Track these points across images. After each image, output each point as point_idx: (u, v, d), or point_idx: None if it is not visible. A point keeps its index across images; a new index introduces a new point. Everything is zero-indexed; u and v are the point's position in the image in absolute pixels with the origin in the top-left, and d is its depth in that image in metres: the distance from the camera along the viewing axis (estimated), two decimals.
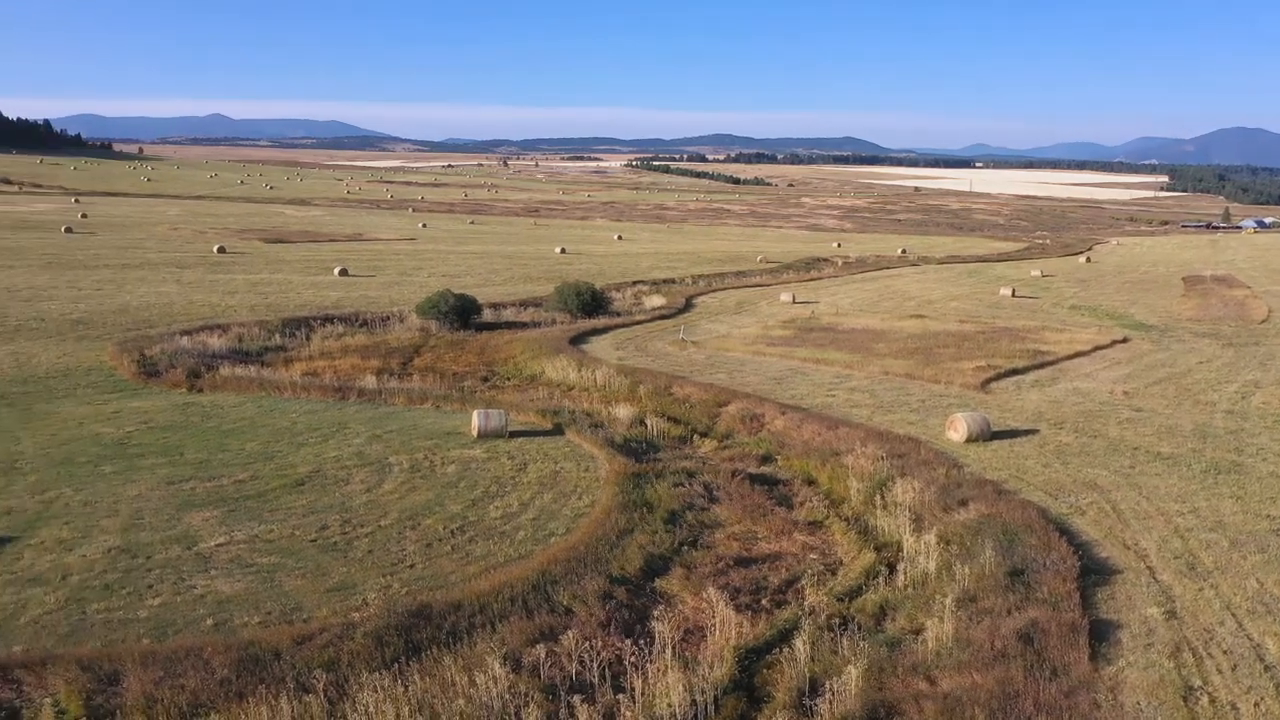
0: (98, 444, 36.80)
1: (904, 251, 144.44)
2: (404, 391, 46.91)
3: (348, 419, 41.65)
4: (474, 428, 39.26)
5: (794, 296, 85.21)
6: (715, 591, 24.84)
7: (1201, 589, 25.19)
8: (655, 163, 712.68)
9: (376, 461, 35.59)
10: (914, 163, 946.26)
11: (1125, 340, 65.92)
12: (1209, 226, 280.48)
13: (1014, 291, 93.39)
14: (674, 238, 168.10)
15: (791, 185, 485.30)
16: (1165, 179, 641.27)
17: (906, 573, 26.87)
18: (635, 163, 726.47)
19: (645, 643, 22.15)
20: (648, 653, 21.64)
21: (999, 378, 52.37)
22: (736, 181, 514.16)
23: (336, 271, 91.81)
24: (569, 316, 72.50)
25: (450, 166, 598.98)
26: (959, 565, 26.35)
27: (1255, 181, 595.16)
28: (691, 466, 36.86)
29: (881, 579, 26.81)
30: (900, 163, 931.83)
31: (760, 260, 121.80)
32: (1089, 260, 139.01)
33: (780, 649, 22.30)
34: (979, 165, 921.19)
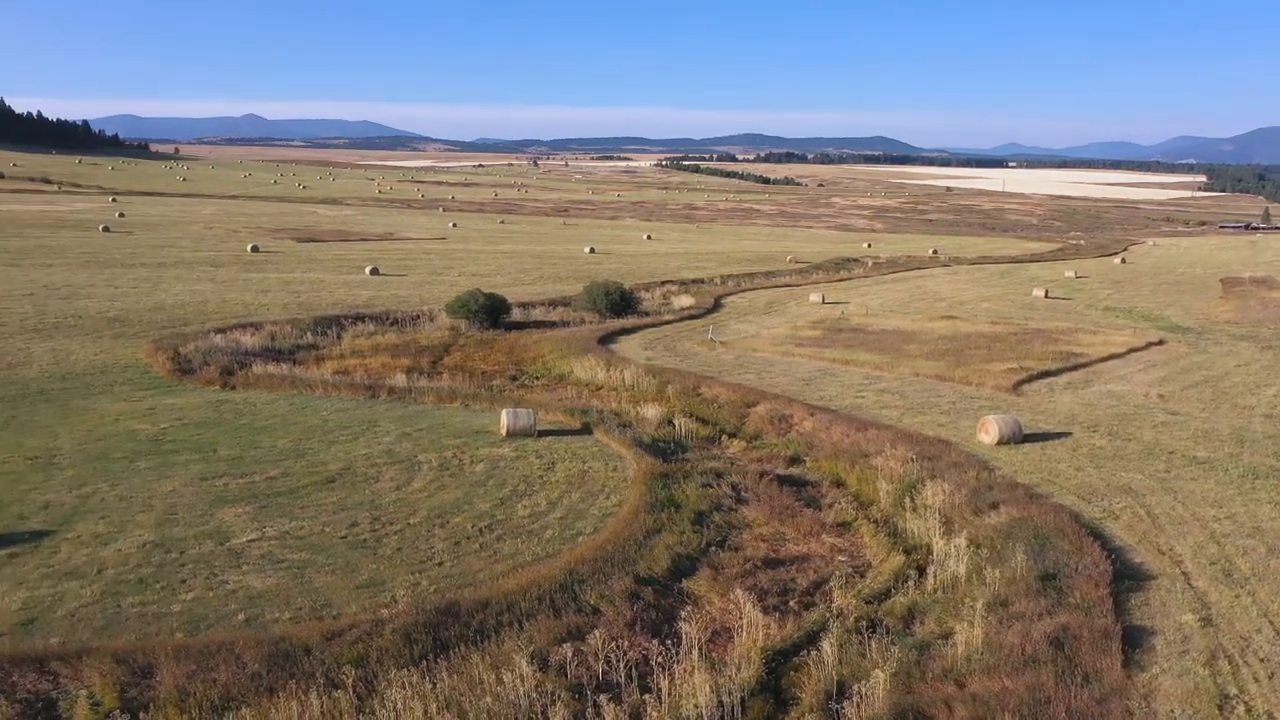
0: (133, 440, 37.34)
1: (935, 252, 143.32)
2: (433, 390, 47.20)
3: (378, 417, 41.97)
4: (502, 427, 39.42)
5: (823, 297, 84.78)
6: (743, 593, 24.78)
7: (1238, 596, 24.79)
8: (685, 162, 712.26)
9: (406, 459, 35.84)
10: (946, 162, 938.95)
11: (1161, 343, 65.02)
12: (1248, 227, 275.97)
13: (1047, 293, 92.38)
14: (703, 238, 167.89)
15: (822, 185, 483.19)
16: (1203, 179, 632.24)
17: (936, 576, 26.65)
18: (665, 162, 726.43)
19: (672, 643, 22.13)
20: (674, 653, 21.62)
21: (1031, 380, 51.82)
22: (766, 181, 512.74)
23: (368, 270, 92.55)
24: (598, 316, 72.60)
25: (481, 166, 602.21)
26: (989, 569, 26.10)
27: None
28: (719, 467, 36.78)
29: (911, 582, 26.60)
30: (932, 162, 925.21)
31: (790, 260, 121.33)
32: (1124, 261, 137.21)
33: (808, 651, 22.20)
34: (1012, 165, 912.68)
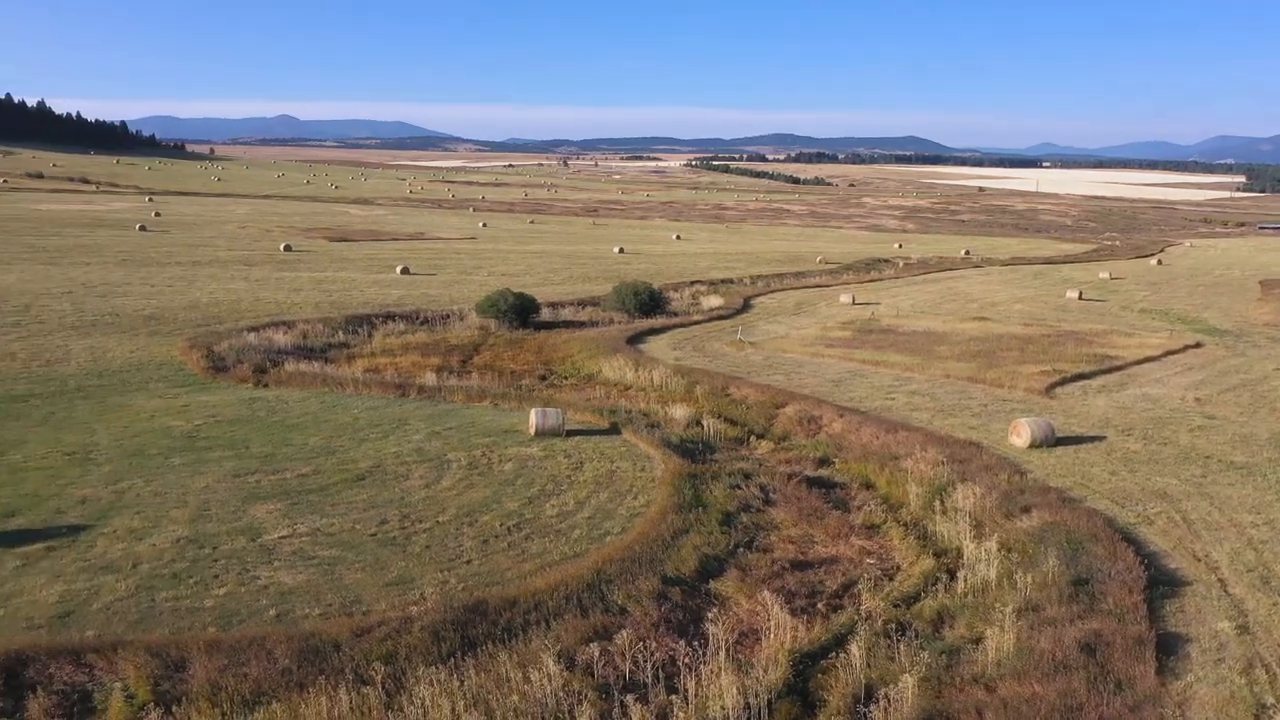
0: (168, 436, 37.85)
1: (967, 253, 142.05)
2: (463, 389, 47.44)
3: (408, 415, 42.25)
4: (531, 426, 39.54)
5: (854, 298, 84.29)
6: (770, 594, 24.69)
7: (1276, 603, 24.37)
8: (714, 162, 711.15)
9: (435, 458, 36.05)
10: (978, 162, 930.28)
11: (1198, 345, 64.04)
12: None
13: (1081, 294, 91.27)
14: (732, 238, 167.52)
15: (852, 185, 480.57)
16: (1241, 179, 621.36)
17: (966, 580, 26.42)
18: (694, 162, 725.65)
19: (699, 644, 22.09)
20: (701, 654, 21.58)
21: (1064, 382, 51.24)
22: (796, 181, 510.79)
23: (398, 270, 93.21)
24: (626, 316, 72.64)
25: (511, 166, 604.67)
26: (1021, 573, 25.84)
27: None
28: (748, 468, 36.68)
29: (940, 585, 26.41)
30: (964, 162, 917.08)
31: (820, 261, 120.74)
32: (1160, 263, 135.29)
33: (836, 654, 22.10)
34: (1046, 165, 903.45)
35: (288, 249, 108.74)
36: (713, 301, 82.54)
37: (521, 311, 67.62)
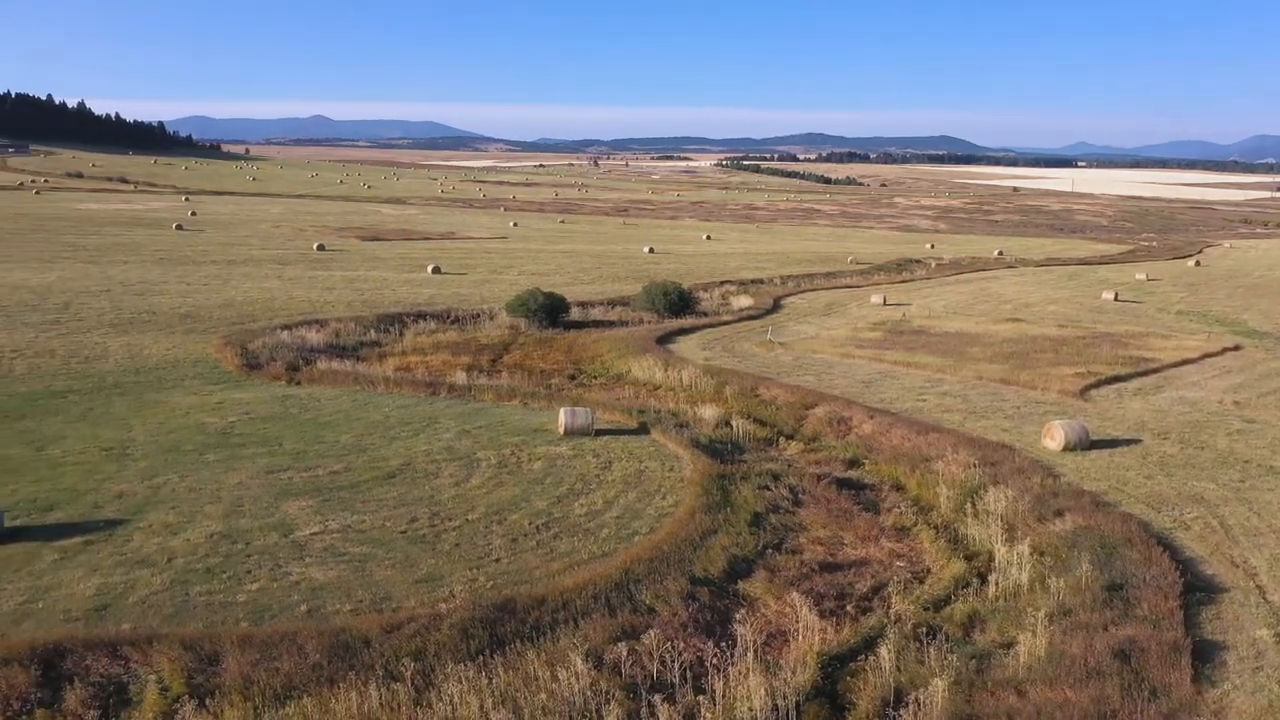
0: (203, 433, 38.35)
1: (1000, 253, 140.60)
2: (493, 388, 47.67)
3: (438, 414, 42.51)
4: (560, 425, 39.65)
5: (885, 298, 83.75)
6: (799, 596, 24.60)
7: None
8: (745, 162, 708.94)
9: (465, 456, 36.24)
10: (1012, 162, 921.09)
11: (1237, 348, 62.98)
12: None
13: (1117, 295, 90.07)
14: (763, 238, 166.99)
15: (884, 185, 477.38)
16: None
17: (998, 584, 26.17)
18: (725, 162, 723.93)
19: (727, 645, 22.06)
20: (729, 655, 21.55)
21: (1099, 385, 50.60)
22: (828, 181, 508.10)
23: (430, 269, 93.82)
24: (656, 316, 72.64)
25: (541, 166, 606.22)
26: (1053, 578, 25.56)
27: None
28: (777, 469, 36.55)
29: (971, 589, 26.19)
30: (998, 162, 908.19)
31: (851, 261, 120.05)
32: (1198, 264, 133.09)
33: (865, 657, 21.98)
34: (1081, 164, 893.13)
35: (321, 248, 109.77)
36: (742, 302, 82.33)
37: (551, 311, 67.81)
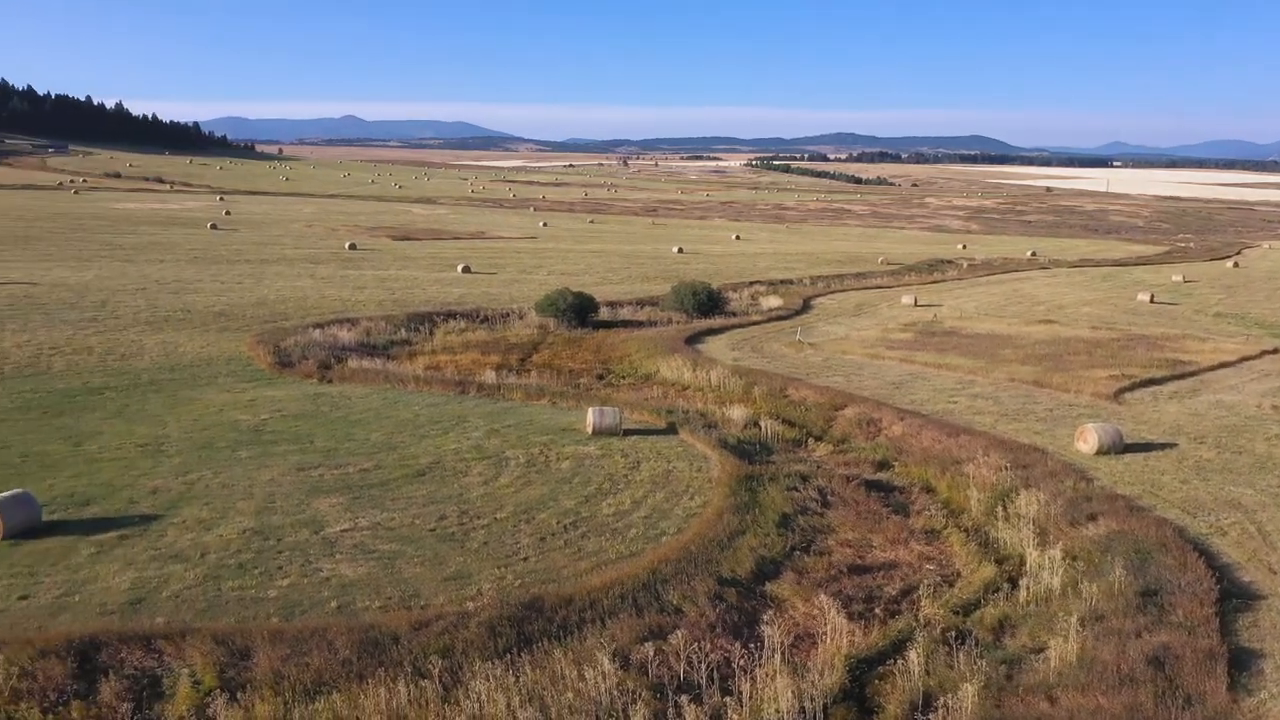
0: (236, 430, 38.79)
1: (1033, 254, 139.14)
2: (522, 387, 47.83)
3: (467, 413, 42.72)
4: (589, 425, 39.71)
5: (916, 299, 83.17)
6: (827, 598, 24.47)
7: None
8: (775, 162, 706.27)
9: (494, 455, 36.39)
10: (1046, 162, 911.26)
11: (1276, 351, 61.88)
12: None
13: (1152, 297, 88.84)
14: (792, 238, 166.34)
15: (915, 185, 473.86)
16: None
17: (1029, 588, 25.89)
18: (755, 162, 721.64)
19: (754, 646, 22.00)
20: (757, 657, 21.48)
21: (1134, 388, 49.93)
22: (858, 181, 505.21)
23: (459, 269, 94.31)
24: (685, 316, 72.58)
25: (571, 166, 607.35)
26: (1086, 583, 25.26)
27: None
28: (805, 470, 36.40)
29: (1002, 593, 25.93)
30: (1031, 162, 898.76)
31: (881, 262, 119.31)
32: (1236, 265, 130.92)
33: (893, 660, 21.83)
34: (1117, 164, 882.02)
35: (352, 247, 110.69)
36: (772, 302, 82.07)
37: (580, 311, 67.95)
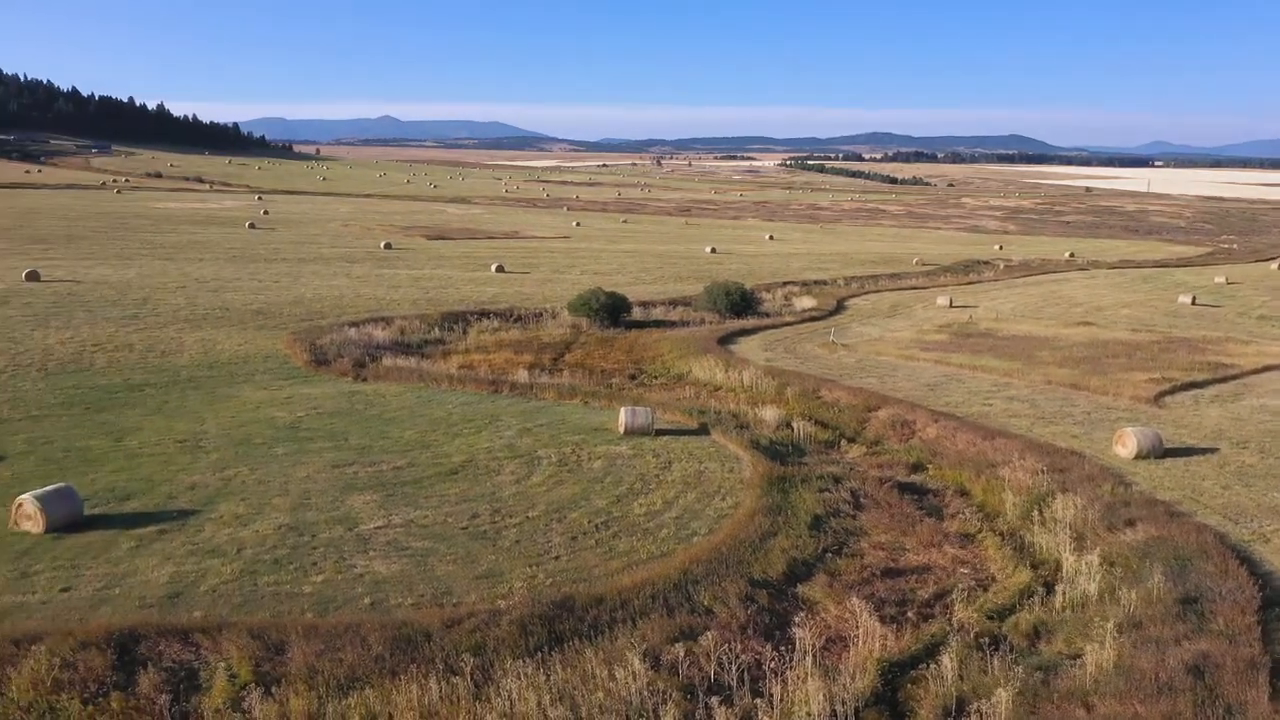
0: (272, 427, 39.27)
1: (1072, 255, 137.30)
2: (554, 386, 47.98)
3: (500, 411, 42.93)
4: (621, 424, 39.75)
5: (951, 300, 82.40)
6: (859, 601, 24.30)
7: None
8: (810, 162, 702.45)
9: (526, 454, 36.54)
10: (1085, 161, 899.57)
11: None
12: None
13: (1194, 299, 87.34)
14: (826, 238, 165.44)
15: (952, 185, 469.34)
16: None
17: (1065, 594, 25.56)
18: (789, 162, 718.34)
19: (785, 649, 21.90)
20: (788, 659, 21.38)
21: (1174, 391, 49.12)
22: (894, 181, 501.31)
23: (493, 268, 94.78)
24: (718, 316, 72.44)
25: (605, 166, 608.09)
26: (1123, 589, 24.87)
27: None
28: (838, 472, 36.20)
29: (1037, 599, 25.62)
30: (1070, 161, 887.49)
31: (916, 262, 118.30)
32: None
33: (926, 665, 21.63)
34: (1159, 164, 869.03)
35: (388, 247, 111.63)
36: (805, 302, 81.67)
37: (613, 310, 68.03)
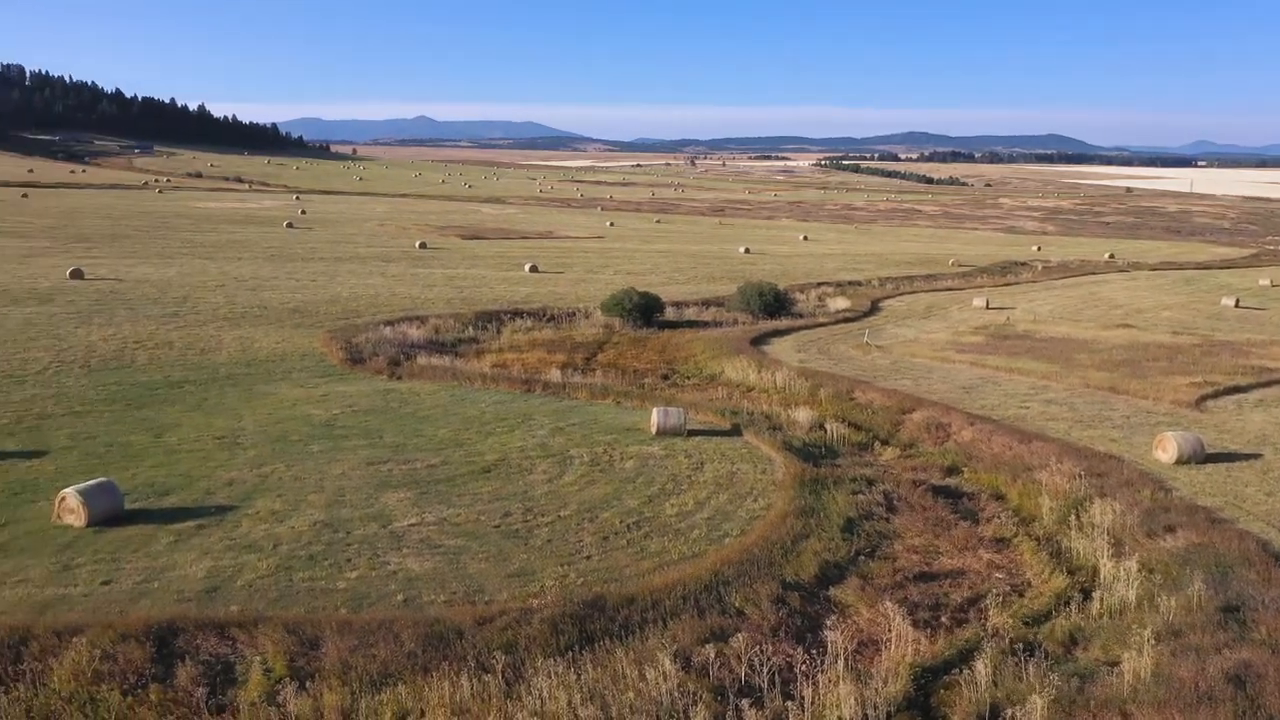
0: (308, 424, 39.70)
1: (1112, 256, 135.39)
2: (586, 386, 48.08)
3: (532, 411, 43.09)
4: (653, 425, 39.74)
5: (987, 302, 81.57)
6: (892, 604, 24.11)
7: None
8: (845, 162, 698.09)
9: (558, 453, 36.64)
10: (1126, 161, 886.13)
11: None
12: None
13: (1238, 302, 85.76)
14: (861, 239, 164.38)
15: (989, 185, 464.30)
16: None
17: (1102, 600, 25.20)
18: (824, 162, 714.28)
19: (817, 651, 21.78)
20: (819, 662, 21.27)
21: (1216, 395, 48.26)
22: (930, 181, 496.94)
23: (527, 268, 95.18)
24: (750, 317, 72.22)
25: (639, 166, 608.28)
26: (1163, 596, 24.48)
27: None
28: (871, 474, 35.95)
29: (1074, 605, 25.26)
30: (1111, 161, 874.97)
31: (952, 263, 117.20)
32: None
33: (959, 670, 21.42)
34: (1202, 164, 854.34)
35: (423, 246, 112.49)
36: (839, 303, 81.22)
37: (646, 310, 68.03)
